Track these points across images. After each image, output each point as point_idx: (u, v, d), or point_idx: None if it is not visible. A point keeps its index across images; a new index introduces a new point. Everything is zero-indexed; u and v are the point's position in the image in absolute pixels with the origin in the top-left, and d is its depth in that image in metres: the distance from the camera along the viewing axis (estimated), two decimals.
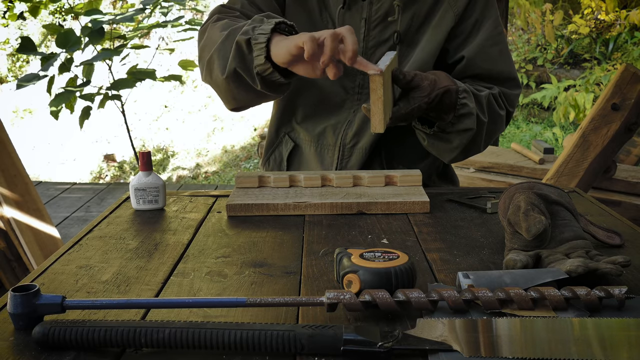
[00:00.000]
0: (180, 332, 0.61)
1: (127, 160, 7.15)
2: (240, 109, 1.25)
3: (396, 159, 1.35)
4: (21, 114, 7.88)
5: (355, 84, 1.31)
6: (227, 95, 1.18)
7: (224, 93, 1.19)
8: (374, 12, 1.26)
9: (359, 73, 1.29)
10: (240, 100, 1.19)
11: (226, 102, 1.23)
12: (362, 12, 1.26)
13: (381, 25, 1.27)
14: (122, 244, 0.97)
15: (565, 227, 0.83)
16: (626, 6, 5.80)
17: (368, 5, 1.26)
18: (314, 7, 1.29)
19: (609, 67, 5.79)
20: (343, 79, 1.30)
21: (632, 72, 2.22)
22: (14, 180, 2.33)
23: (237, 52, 1.07)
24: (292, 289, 0.79)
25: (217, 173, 6.76)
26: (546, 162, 2.82)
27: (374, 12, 1.26)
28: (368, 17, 1.26)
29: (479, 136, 1.20)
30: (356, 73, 1.30)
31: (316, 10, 1.30)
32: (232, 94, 1.16)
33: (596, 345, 0.61)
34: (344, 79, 1.31)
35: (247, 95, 1.15)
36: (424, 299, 0.68)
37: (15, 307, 0.67)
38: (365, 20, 1.26)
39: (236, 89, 1.14)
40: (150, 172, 1.14)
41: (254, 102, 1.20)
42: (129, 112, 5.19)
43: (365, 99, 1.31)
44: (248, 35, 1.05)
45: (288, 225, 1.05)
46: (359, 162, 1.31)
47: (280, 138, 1.40)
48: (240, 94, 1.15)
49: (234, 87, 1.13)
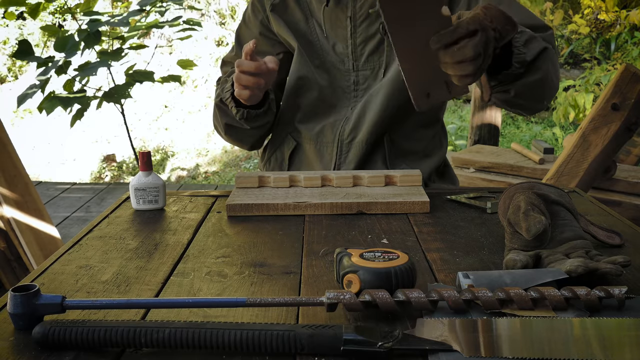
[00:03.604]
0: (180, 332, 0.61)
1: (127, 161, 7.15)
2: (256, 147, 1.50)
3: (399, 155, 1.35)
4: (21, 114, 7.88)
5: (350, 83, 1.35)
6: (237, 142, 1.46)
7: (234, 142, 1.47)
8: (358, 8, 1.29)
9: (352, 72, 1.34)
10: (247, 139, 1.44)
11: (242, 146, 1.48)
12: (346, 11, 1.30)
13: (367, 20, 1.30)
14: (122, 244, 0.97)
15: (565, 227, 0.83)
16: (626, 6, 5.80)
17: (352, 3, 1.29)
18: (300, 18, 1.36)
19: (609, 67, 5.78)
20: (339, 79, 1.36)
21: (632, 72, 2.22)
22: (14, 180, 2.33)
23: (220, 112, 1.36)
24: (292, 289, 0.79)
25: (217, 173, 6.76)
26: (546, 162, 2.82)
27: (358, 8, 1.29)
28: (353, 15, 1.30)
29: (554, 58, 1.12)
30: (350, 72, 1.34)
31: (302, 20, 1.36)
32: (238, 139, 1.44)
33: (596, 345, 0.61)
34: (339, 79, 1.36)
35: (246, 134, 1.40)
36: (424, 299, 0.68)
37: (15, 307, 0.66)
38: (351, 18, 1.30)
39: (236, 135, 1.41)
40: (150, 172, 1.14)
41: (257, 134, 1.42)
42: (128, 112, 5.19)
43: (361, 95, 1.34)
44: (220, 97, 1.34)
45: (288, 225, 1.05)
46: (358, 156, 1.32)
47: (283, 138, 1.42)
48: (242, 136, 1.41)
49: (234, 134, 1.40)
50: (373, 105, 1.30)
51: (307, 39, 1.36)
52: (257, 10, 1.40)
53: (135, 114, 7.64)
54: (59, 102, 3.09)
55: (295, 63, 1.36)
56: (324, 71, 1.35)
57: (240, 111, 1.29)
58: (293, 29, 1.35)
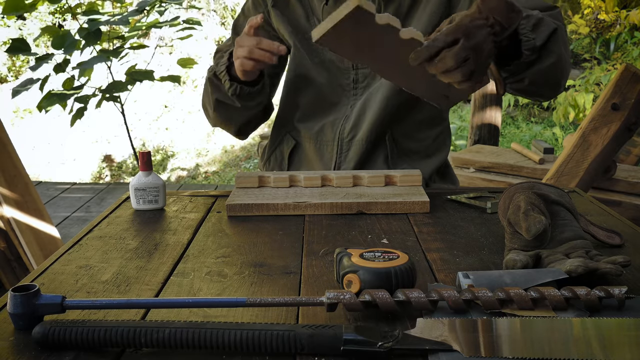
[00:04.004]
0: (180, 332, 0.61)
1: (127, 161, 7.15)
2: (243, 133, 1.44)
3: (402, 154, 1.35)
4: (21, 114, 7.88)
5: (349, 80, 1.34)
6: (225, 121, 1.39)
7: (221, 122, 1.39)
8: None
9: (352, 70, 1.34)
10: (236, 119, 1.38)
11: (230, 127, 1.42)
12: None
13: None
14: (122, 244, 0.97)
15: (565, 227, 0.83)
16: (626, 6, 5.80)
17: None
18: (300, 15, 1.35)
19: (609, 67, 5.79)
20: (338, 77, 1.35)
21: (632, 72, 2.21)
22: (14, 180, 2.33)
23: (212, 86, 1.32)
24: (292, 289, 0.79)
25: (217, 173, 6.76)
26: (546, 162, 2.82)
27: None
28: None
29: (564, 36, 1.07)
30: (349, 70, 1.34)
31: (302, 17, 1.35)
32: (227, 117, 1.37)
33: (596, 345, 0.61)
34: (339, 77, 1.35)
35: (236, 113, 1.34)
36: (424, 299, 0.68)
37: (15, 307, 0.66)
38: None
39: (226, 113, 1.35)
40: (150, 172, 1.14)
41: (246, 116, 1.36)
42: (128, 112, 5.19)
43: (361, 93, 1.33)
44: (213, 70, 1.30)
45: (288, 225, 1.05)
46: (358, 154, 1.32)
47: (282, 137, 1.42)
48: (231, 114, 1.35)
49: (223, 112, 1.35)
50: (373, 104, 1.30)
51: (308, 36, 1.35)
52: (258, 4, 1.39)
53: (135, 114, 7.64)
54: (57, 98, 3.09)
55: (293, 61, 1.36)
56: (324, 69, 1.35)
57: (233, 85, 1.26)
58: (293, 25, 1.35)
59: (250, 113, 1.36)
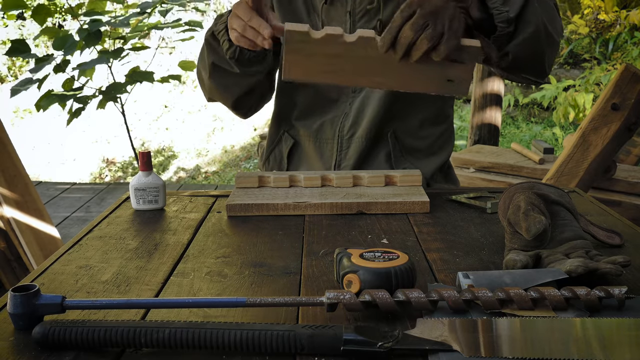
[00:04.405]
0: (180, 332, 0.61)
1: (127, 161, 7.15)
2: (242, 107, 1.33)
3: (404, 152, 1.35)
4: (21, 114, 7.89)
5: None
6: (221, 89, 1.27)
7: (217, 90, 1.28)
8: (357, 4, 1.28)
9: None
10: (233, 87, 1.26)
11: (226, 97, 1.30)
12: (346, 6, 1.29)
13: (366, 16, 1.29)
14: (122, 244, 0.97)
15: (565, 227, 0.83)
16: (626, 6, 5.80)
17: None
18: (302, 11, 1.34)
19: (609, 67, 5.79)
20: None
21: (632, 72, 2.22)
22: (14, 180, 2.33)
23: (209, 48, 1.21)
24: (292, 289, 0.79)
25: (217, 173, 6.76)
26: (546, 162, 2.82)
27: (358, 4, 1.28)
28: (352, 10, 1.29)
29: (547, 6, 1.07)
30: None
31: (303, 13, 1.34)
32: (223, 85, 1.25)
33: (596, 345, 0.61)
34: None
35: (233, 80, 1.23)
36: (424, 299, 0.68)
37: (15, 307, 0.66)
38: (350, 13, 1.29)
39: (222, 79, 1.24)
40: (150, 172, 1.14)
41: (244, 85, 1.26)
42: (129, 112, 5.19)
43: (360, 90, 1.34)
44: (212, 30, 1.18)
45: (288, 225, 1.05)
46: (358, 152, 1.32)
47: (280, 136, 1.42)
48: (228, 81, 1.24)
49: (220, 78, 1.24)
50: (372, 100, 1.30)
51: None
52: None
53: (135, 114, 7.64)
54: (56, 99, 3.10)
55: None
56: None
57: (232, 47, 1.14)
58: (295, 20, 1.34)
59: (251, 81, 1.25)
